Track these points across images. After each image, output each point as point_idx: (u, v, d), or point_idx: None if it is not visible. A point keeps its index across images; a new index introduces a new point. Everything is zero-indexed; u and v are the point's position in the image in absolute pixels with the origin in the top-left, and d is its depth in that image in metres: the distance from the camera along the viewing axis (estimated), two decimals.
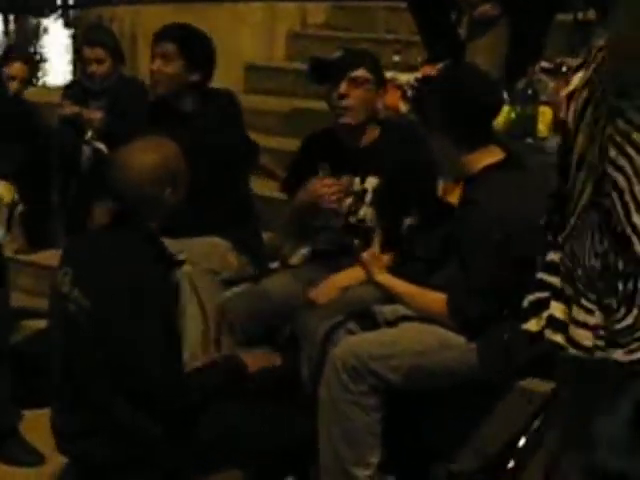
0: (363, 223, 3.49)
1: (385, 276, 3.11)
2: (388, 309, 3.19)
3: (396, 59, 4.95)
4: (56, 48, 22.53)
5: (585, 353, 2.04)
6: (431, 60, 4.45)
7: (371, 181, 3.49)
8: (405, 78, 4.17)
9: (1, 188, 4.43)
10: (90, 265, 2.87)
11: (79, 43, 5.72)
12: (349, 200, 3.52)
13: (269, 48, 6.60)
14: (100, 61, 4.74)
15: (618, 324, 2.00)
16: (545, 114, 3.93)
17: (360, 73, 3.45)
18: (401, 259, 3.36)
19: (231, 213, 3.82)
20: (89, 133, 4.65)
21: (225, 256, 3.78)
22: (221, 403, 2.82)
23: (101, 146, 4.59)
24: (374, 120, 3.51)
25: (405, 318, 3.10)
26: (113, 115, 4.57)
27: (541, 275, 2.22)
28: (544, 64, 4.12)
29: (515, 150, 3.24)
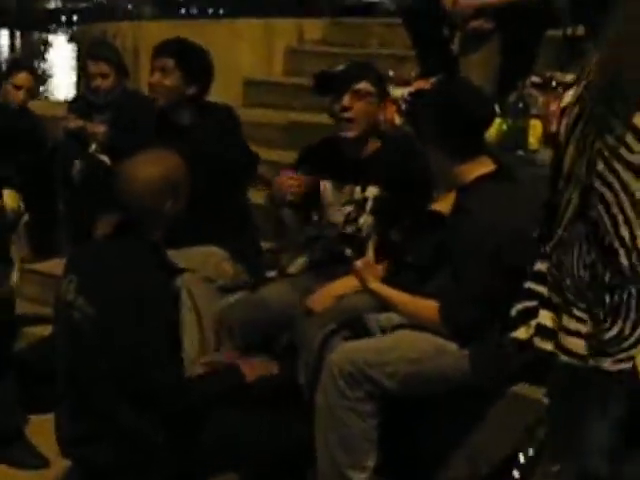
0: (361, 232, 3.48)
1: (378, 284, 3.09)
2: (383, 317, 3.18)
3: (390, 74, 4.95)
4: (60, 63, 22.59)
5: (579, 361, 2.04)
6: (424, 74, 4.44)
7: (372, 190, 3.48)
8: (399, 92, 4.16)
9: (7, 197, 4.41)
10: (94, 273, 2.86)
11: (83, 58, 5.71)
12: (349, 208, 3.52)
13: (267, 63, 6.61)
14: (104, 75, 4.73)
15: (606, 334, 2.00)
16: (535, 127, 3.94)
17: (363, 86, 3.44)
18: (395, 268, 3.35)
19: (229, 223, 3.82)
20: (93, 146, 4.65)
21: (220, 264, 3.77)
22: (221, 410, 2.82)
23: (105, 158, 4.59)
24: (375, 132, 3.51)
25: (400, 326, 3.09)
26: (117, 128, 4.56)
27: (529, 284, 2.22)
28: (534, 79, 4.13)
29: (506, 162, 3.24)
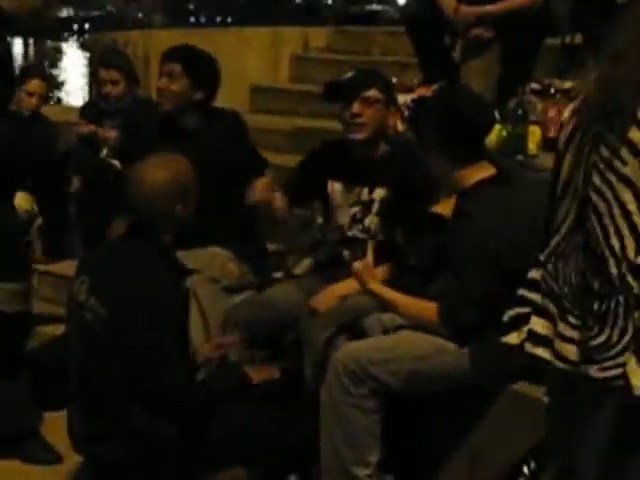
0: (366, 232, 3.49)
1: (377, 285, 3.10)
2: (386, 317, 3.19)
3: (394, 81, 4.95)
4: (72, 70, 22.63)
5: (571, 367, 2.04)
6: (426, 82, 4.44)
7: (379, 192, 3.49)
8: (402, 99, 4.17)
9: (20, 199, 4.43)
10: (106, 275, 2.87)
11: (95, 65, 5.71)
12: (356, 209, 3.53)
13: (274, 70, 6.62)
14: (115, 82, 4.73)
15: (593, 341, 2.00)
16: (534, 133, 3.94)
17: (372, 93, 3.45)
18: (398, 270, 3.36)
19: (235, 225, 3.81)
20: (104, 151, 4.66)
21: (226, 264, 3.77)
22: (230, 407, 2.82)
23: (116, 163, 4.60)
24: (383, 136, 3.52)
25: (403, 326, 3.09)
26: (127, 134, 4.57)
27: (522, 292, 2.22)
28: (534, 86, 4.13)
29: (506, 167, 3.25)
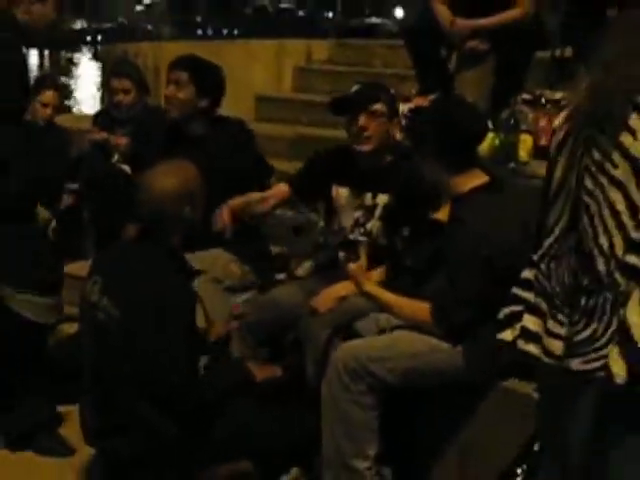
0: (369, 236, 3.49)
1: (372, 287, 3.11)
2: (383, 317, 3.19)
3: (392, 91, 4.96)
4: (85, 80, 22.64)
5: (556, 361, 2.05)
6: (423, 92, 4.44)
7: (382, 198, 3.50)
8: (400, 108, 4.17)
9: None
10: (118, 275, 2.87)
11: (107, 75, 5.71)
12: (358, 213, 3.54)
13: (278, 81, 6.62)
14: (126, 91, 4.73)
15: (578, 335, 2.01)
16: (526, 141, 3.94)
17: (377, 107, 3.46)
18: (394, 272, 3.36)
19: (239, 229, 3.81)
20: (116, 156, 4.66)
21: (228, 266, 3.77)
22: (234, 403, 2.82)
23: (126, 168, 4.60)
24: (387, 145, 3.52)
25: (399, 327, 3.09)
26: (138, 141, 4.57)
27: (515, 290, 2.23)
28: (525, 96, 4.13)
29: (498, 174, 3.25)
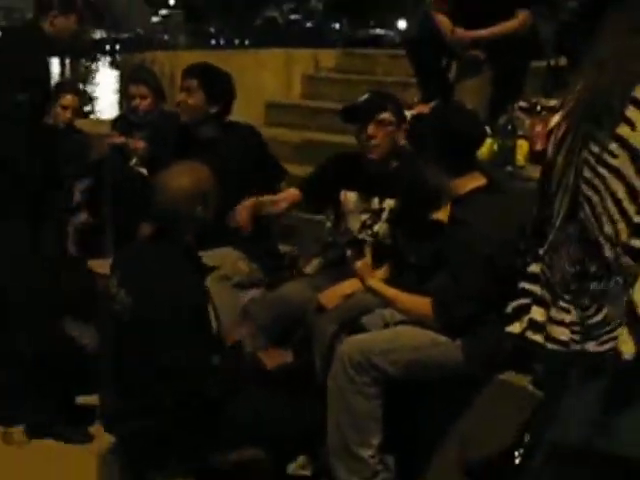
0: (376, 236, 3.50)
1: (376, 283, 3.12)
2: (388, 312, 3.21)
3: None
4: (104, 87, 22.67)
5: (561, 347, 2.05)
6: (425, 99, 4.45)
7: (388, 202, 3.51)
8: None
9: None
10: (135, 271, 2.89)
11: (125, 82, 5.73)
12: (365, 216, 3.54)
13: (287, 88, 6.63)
14: (143, 97, 4.73)
15: (590, 320, 2.00)
16: (522, 146, 3.95)
17: (385, 116, 3.47)
18: (398, 269, 3.37)
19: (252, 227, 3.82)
20: (134, 160, 4.67)
21: (236, 263, 3.77)
22: (246, 393, 2.83)
23: (143, 171, 4.62)
24: (395, 152, 3.53)
25: (402, 322, 3.11)
26: (154, 145, 4.59)
27: (523, 284, 2.22)
28: (522, 103, 4.14)
29: (496, 177, 3.26)
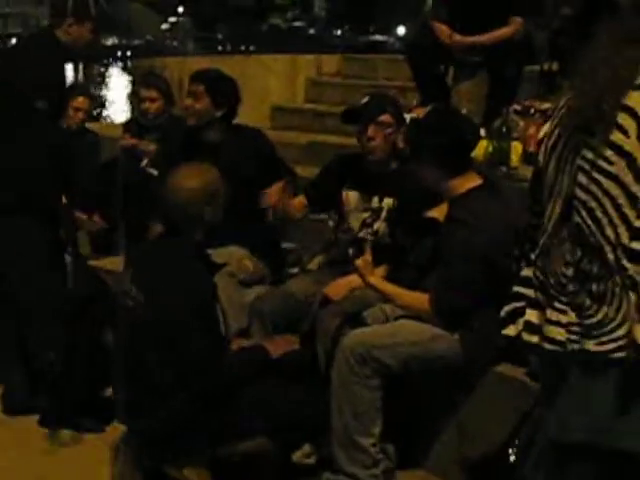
0: (375, 236, 3.49)
1: (376, 279, 3.12)
2: (388, 307, 3.21)
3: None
4: (115, 92, 22.69)
5: (559, 347, 2.02)
6: (423, 103, 4.45)
7: (387, 201, 3.50)
8: None
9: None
10: (146, 268, 2.88)
11: (136, 86, 5.72)
12: (365, 215, 3.54)
13: (291, 92, 6.64)
14: (153, 100, 4.71)
15: (590, 319, 1.98)
16: (516, 148, 3.96)
17: (385, 118, 3.46)
18: (397, 267, 3.37)
19: (253, 226, 3.81)
20: (144, 161, 4.67)
21: (242, 261, 3.76)
22: (254, 384, 2.83)
23: (154, 172, 4.61)
24: (394, 154, 3.52)
25: (402, 316, 3.11)
26: (164, 147, 4.58)
27: (517, 288, 2.20)
28: (516, 107, 4.14)
29: (491, 177, 3.26)
